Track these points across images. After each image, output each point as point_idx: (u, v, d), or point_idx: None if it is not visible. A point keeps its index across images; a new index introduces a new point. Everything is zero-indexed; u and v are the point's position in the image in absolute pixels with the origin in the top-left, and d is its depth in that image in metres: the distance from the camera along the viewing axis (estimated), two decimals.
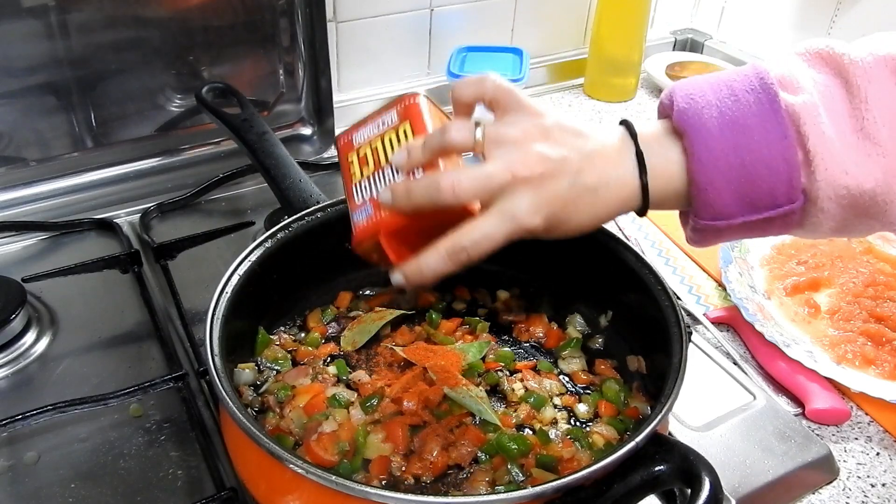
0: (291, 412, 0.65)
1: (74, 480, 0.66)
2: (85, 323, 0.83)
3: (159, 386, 0.72)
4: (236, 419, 0.54)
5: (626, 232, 1.03)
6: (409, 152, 0.57)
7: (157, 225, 0.99)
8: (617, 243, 0.73)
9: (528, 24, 1.34)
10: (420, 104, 0.61)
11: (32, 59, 0.95)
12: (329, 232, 0.77)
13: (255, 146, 0.87)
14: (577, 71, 1.41)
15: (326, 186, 0.95)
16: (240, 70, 1.10)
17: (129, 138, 1.06)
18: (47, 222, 0.97)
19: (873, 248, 0.97)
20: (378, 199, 0.58)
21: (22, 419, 0.68)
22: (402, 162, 0.57)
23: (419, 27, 1.24)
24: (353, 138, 0.65)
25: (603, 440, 0.65)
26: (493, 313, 0.81)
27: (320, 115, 1.15)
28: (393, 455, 0.63)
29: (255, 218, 0.96)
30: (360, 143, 0.63)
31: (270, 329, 0.75)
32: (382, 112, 0.63)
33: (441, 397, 0.66)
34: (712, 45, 1.51)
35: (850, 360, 0.81)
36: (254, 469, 0.58)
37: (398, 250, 0.58)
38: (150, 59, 1.02)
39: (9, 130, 0.98)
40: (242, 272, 0.68)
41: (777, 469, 0.69)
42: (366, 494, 0.50)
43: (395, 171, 0.58)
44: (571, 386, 0.73)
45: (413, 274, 0.55)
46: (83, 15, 0.95)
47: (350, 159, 0.63)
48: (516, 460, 0.62)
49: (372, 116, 0.64)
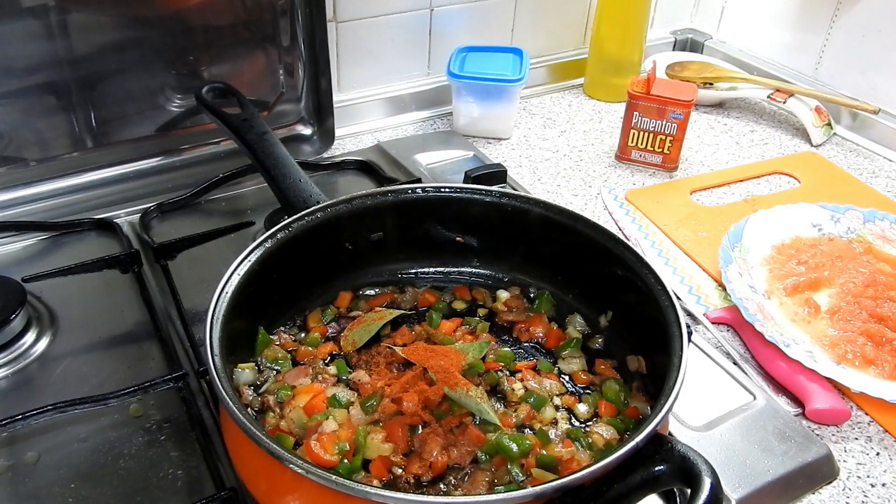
0: (291, 412, 0.65)
1: (74, 480, 0.66)
2: (85, 323, 0.83)
3: (159, 386, 0.72)
4: (236, 419, 0.54)
5: (626, 232, 1.03)
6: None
7: (157, 225, 0.99)
8: (617, 243, 0.74)
9: (528, 24, 1.34)
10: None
11: (32, 59, 0.95)
12: (329, 232, 0.77)
13: (255, 146, 0.87)
14: (577, 71, 1.41)
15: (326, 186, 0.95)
16: (240, 70, 1.10)
17: (129, 138, 1.06)
18: (47, 222, 0.97)
19: (873, 249, 0.98)
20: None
21: (22, 419, 0.68)
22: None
23: (419, 27, 1.24)
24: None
25: (603, 440, 0.65)
26: (493, 313, 0.81)
27: (320, 115, 1.15)
28: (393, 455, 0.63)
29: (255, 218, 0.96)
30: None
31: (270, 329, 0.75)
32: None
33: (441, 397, 0.66)
34: (712, 45, 1.51)
35: (850, 360, 0.81)
36: (254, 469, 0.58)
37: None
38: (150, 59, 1.02)
39: (9, 130, 0.98)
40: (242, 272, 0.68)
41: (777, 469, 0.69)
42: (366, 494, 0.50)
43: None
44: (571, 386, 0.73)
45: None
46: (83, 15, 0.95)
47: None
48: (516, 460, 0.62)
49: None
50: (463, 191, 0.82)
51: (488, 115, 1.22)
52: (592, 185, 1.14)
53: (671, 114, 1.12)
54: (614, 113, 1.33)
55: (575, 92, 1.41)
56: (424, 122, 1.28)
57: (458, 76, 1.18)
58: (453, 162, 1.15)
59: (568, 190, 1.12)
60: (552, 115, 1.33)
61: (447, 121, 1.27)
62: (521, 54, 1.23)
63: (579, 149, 1.23)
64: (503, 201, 0.80)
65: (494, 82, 1.18)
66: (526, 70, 1.19)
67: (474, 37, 1.27)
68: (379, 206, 0.80)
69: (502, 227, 0.81)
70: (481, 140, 1.23)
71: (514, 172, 1.14)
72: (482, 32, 1.29)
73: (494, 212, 0.80)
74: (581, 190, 1.13)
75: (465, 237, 0.84)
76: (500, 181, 1.00)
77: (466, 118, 1.23)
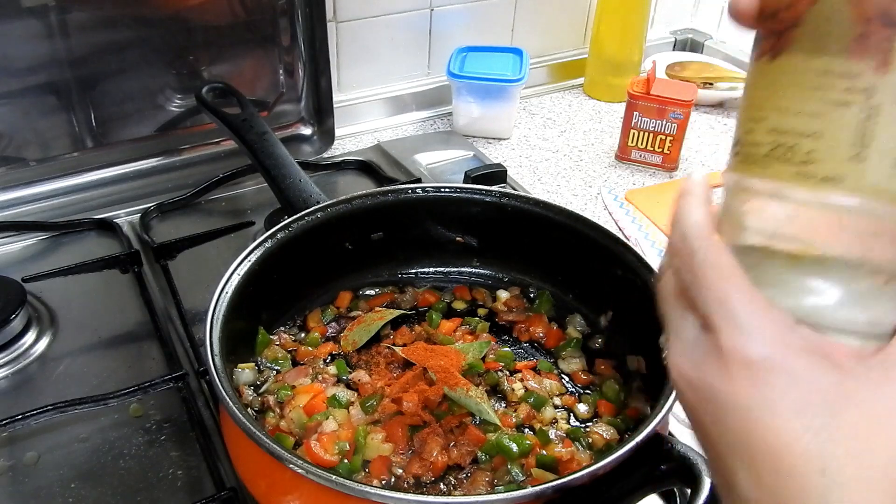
0: (291, 412, 0.65)
1: (74, 480, 0.66)
2: (85, 323, 0.83)
3: (159, 386, 0.72)
4: (236, 419, 0.54)
5: (626, 232, 1.03)
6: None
7: (157, 225, 0.99)
8: (617, 243, 0.74)
9: (528, 24, 1.34)
10: None
11: (32, 59, 0.95)
12: (329, 232, 0.77)
13: (255, 146, 0.87)
14: (577, 71, 1.41)
15: (326, 186, 0.95)
16: (240, 70, 1.10)
17: (129, 138, 1.06)
18: (47, 222, 0.97)
19: None
20: None
21: (22, 419, 0.68)
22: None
23: (419, 27, 1.24)
24: None
25: (603, 440, 0.65)
26: (493, 313, 0.81)
27: (320, 115, 1.15)
28: (393, 455, 0.63)
29: (255, 218, 0.96)
30: None
31: (270, 329, 0.75)
32: None
33: (441, 397, 0.66)
34: (712, 45, 1.51)
35: None
36: (254, 469, 0.58)
37: None
38: (150, 59, 1.02)
39: (9, 130, 0.98)
40: (242, 272, 0.68)
41: None
42: (366, 494, 0.50)
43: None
44: (571, 386, 0.73)
45: None
46: (83, 15, 0.95)
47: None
48: (516, 460, 0.62)
49: None
50: (463, 191, 0.82)
51: (488, 115, 1.22)
52: (592, 185, 1.14)
53: (671, 114, 1.12)
54: (614, 113, 1.33)
55: (575, 92, 1.40)
56: (424, 122, 1.28)
57: (458, 76, 1.17)
58: (453, 162, 1.15)
59: (568, 190, 1.12)
60: (552, 115, 1.33)
61: (447, 121, 1.27)
62: (521, 54, 1.23)
63: (579, 149, 1.23)
64: (503, 201, 0.80)
65: (494, 82, 1.18)
66: (526, 70, 1.19)
67: (474, 37, 1.27)
68: (379, 206, 0.80)
69: (502, 227, 0.81)
70: (481, 140, 1.23)
71: (514, 172, 1.13)
72: (482, 32, 1.29)
73: (494, 212, 0.80)
74: (581, 190, 1.13)
75: (465, 237, 0.84)
76: (500, 181, 1.00)
77: (466, 118, 1.23)
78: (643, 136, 1.15)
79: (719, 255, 0.35)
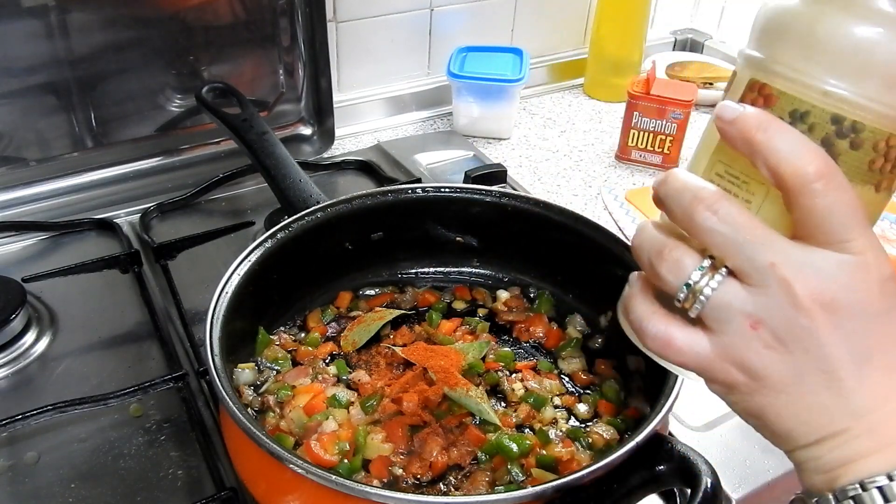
0: (291, 412, 0.65)
1: (74, 480, 0.66)
2: (85, 323, 0.83)
3: (159, 386, 0.72)
4: (236, 419, 0.54)
5: (626, 232, 1.03)
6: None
7: (157, 225, 0.99)
8: (617, 243, 0.74)
9: (528, 24, 1.34)
10: None
11: (32, 59, 0.95)
12: (329, 232, 0.77)
13: (255, 146, 0.87)
14: (577, 71, 1.41)
15: (326, 186, 0.95)
16: (240, 70, 1.10)
17: (129, 138, 1.06)
18: (47, 222, 0.97)
19: None
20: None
21: (22, 419, 0.68)
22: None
23: (419, 27, 1.24)
24: None
25: (603, 440, 0.65)
26: (493, 313, 0.81)
27: (320, 115, 1.15)
28: (393, 455, 0.63)
29: (255, 218, 0.96)
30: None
31: (270, 329, 0.75)
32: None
33: (441, 397, 0.66)
34: (712, 45, 1.51)
35: None
36: (254, 469, 0.58)
37: None
38: (150, 59, 1.02)
39: (9, 130, 0.98)
40: (242, 272, 0.68)
41: (777, 469, 0.69)
42: (366, 494, 0.50)
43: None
44: (571, 386, 0.73)
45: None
46: (83, 15, 0.95)
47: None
48: (516, 460, 0.62)
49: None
50: (463, 191, 0.82)
51: (488, 115, 1.22)
52: (592, 185, 1.14)
53: (671, 114, 1.12)
54: (614, 113, 1.33)
55: (575, 92, 1.40)
56: (424, 122, 1.28)
57: (458, 76, 1.18)
58: (453, 162, 1.15)
59: (568, 190, 1.12)
60: (552, 115, 1.33)
61: (447, 121, 1.27)
62: (521, 54, 1.23)
63: (579, 149, 1.23)
64: (503, 201, 0.80)
65: (494, 82, 1.18)
66: (526, 70, 1.19)
67: (474, 37, 1.27)
68: (379, 206, 0.79)
69: (502, 227, 0.81)
70: (481, 140, 1.23)
71: (514, 172, 1.14)
72: (482, 32, 1.29)
73: (494, 212, 0.80)
74: (581, 190, 1.13)
75: (465, 237, 0.84)
76: (500, 181, 1.00)
77: (466, 118, 1.23)
78: (643, 136, 1.15)
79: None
